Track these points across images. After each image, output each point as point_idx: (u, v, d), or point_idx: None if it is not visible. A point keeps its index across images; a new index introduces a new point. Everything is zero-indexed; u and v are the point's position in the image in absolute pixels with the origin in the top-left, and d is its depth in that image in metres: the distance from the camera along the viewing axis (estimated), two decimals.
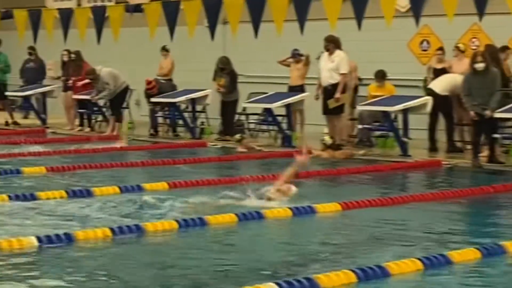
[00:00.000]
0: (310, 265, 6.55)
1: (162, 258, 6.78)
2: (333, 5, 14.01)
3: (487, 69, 12.69)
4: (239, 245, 7.39)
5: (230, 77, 16.49)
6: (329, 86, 14.49)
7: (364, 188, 10.56)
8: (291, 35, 15.13)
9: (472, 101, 12.70)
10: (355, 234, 7.92)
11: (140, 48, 19.77)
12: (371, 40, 16.40)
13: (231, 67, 16.58)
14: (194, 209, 8.72)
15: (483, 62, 12.65)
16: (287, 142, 15.08)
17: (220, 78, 16.54)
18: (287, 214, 8.58)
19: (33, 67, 20.06)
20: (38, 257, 6.75)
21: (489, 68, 12.72)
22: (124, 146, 14.79)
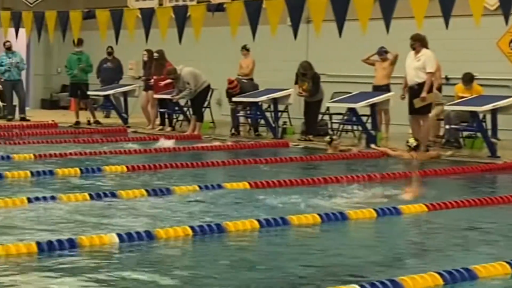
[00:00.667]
0: (395, 267, 6.47)
1: (244, 258, 6.77)
2: (420, 3, 13.82)
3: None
4: (322, 246, 7.33)
5: (312, 81, 16.46)
6: (415, 85, 14.33)
7: (451, 189, 10.39)
8: (376, 33, 15.00)
9: None
10: (441, 236, 7.80)
11: (221, 47, 19.86)
12: (458, 38, 16.19)
13: (313, 72, 16.55)
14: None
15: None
16: (371, 143, 14.94)
17: (303, 82, 16.51)
18: (372, 215, 8.51)
19: (110, 67, 20.34)
20: (118, 254, 6.81)
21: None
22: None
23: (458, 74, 15.54)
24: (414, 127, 14.83)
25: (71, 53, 19.67)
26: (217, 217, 8.27)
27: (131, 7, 21.36)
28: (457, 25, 14.73)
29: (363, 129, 15.45)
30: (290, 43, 16.64)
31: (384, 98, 15.31)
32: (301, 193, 9.59)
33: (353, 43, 17.24)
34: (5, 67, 20.06)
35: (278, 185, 10.36)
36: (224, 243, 7.39)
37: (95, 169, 11.40)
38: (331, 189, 9.71)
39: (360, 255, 6.94)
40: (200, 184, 10.11)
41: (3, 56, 20.25)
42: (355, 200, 9.29)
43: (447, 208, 8.94)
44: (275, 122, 16.70)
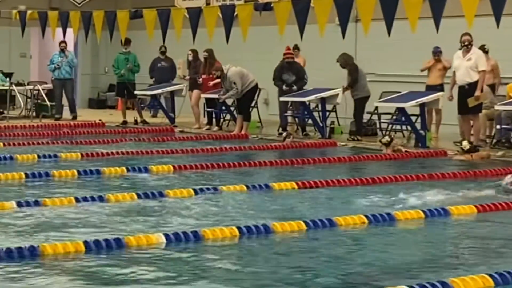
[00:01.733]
0: (445, 268, 6.42)
1: (288, 258, 6.76)
2: (470, 2, 13.68)
3: None
4: (370, 246, 7.30)
5: (351, 74, 16.45)
6: (466, 85, 14.21)
7: (499, 190, 10.27)
8: (426, 32, 14.88)
9: None
10: (491, 237, 7.71)
11: (269, 47, 19.85)
12: (510, 37, 15.98)
13: (352, 64, 16.54)
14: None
15: None
16: (421, 143, 14.85)
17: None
18: (420, 216, 8.46)
19: (165, 67, 20.42)
20: (164, 253, 6.83)
21: None
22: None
23: (510, 74, 15.36)
24: (464, 127, 14.71)
25: (119, 52, 19.80)
26: (263, 218, 8.27)
27: (178, 7, 21.44)
28: (508, 23, 14.56)
29: (412, 129, 15.34)
30: (338, 43, 16.58)
31: (433, 97, 15.17)
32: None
33: (402, 42, 17.12)
34: (55, 64, 20.25)
35: (326, 185, 10.37)
36: (270, 243, 7.39)
37: (141, 169, 11.45)
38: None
39: (409, 257, 6.93)
40: (247, 183, 10.13)
41: (55, 55, 20.44)
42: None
43: (497, 209, 8.87)
44: (323, 122, 16.64)
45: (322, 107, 16.76)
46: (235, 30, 17.24)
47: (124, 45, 19.59)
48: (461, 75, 14.30)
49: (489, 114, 14.97)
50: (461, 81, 14.35)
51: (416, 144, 14.98)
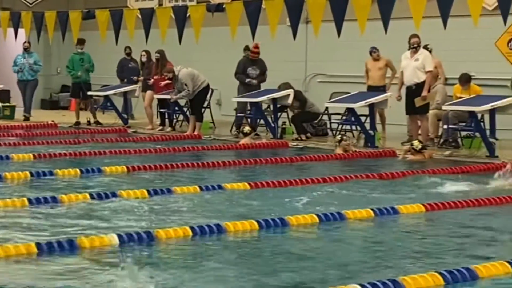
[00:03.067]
0: (395, 267, 6.44)
1: (241, 258, 6.74)
2: (418, 4, 13.80)
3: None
4: (321, 247, 7.29)
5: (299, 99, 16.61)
6: (413, 85, 14.31)
7: (449, 189, 10.36)
8: (375, 34, 14.98)
9: None
10: (441, 236, 7.76)
11: (221, 47, 19.83)
12: (457, 39, 16.15)
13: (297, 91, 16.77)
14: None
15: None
16: (370, 143, 14.93)
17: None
18: (369, 215, 8.49)
19: (134, 67, 20.20)
20: (117, 254, 6.78)
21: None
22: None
23: (456, 74, 15.50)
24: (412, 127, 14.82)
25: (73, 53, 19.57)
26: (217, 217, 8.25)
27: (131, 7, 21.31)
28: (455, 25, 14.71)
29: (362, 129, 15.41)
30: (289, 43, 16.62)
31: (382, 98, 15.27)
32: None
33: (352, 44, 17.21)
34: (18, 67, 20.01)
35: (278, 185, 10.38)
36: (222, 242, 7.37)
37: (95, 170, 11.35)
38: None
39: (359, 255, 6.93)
40: (200, 184, 10.09)
41: (19, 56, 20.19)
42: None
43: (445, 208, 8.92)
44: (275, 122, 16.65)
45: (273, 107, 16.76)
46: (188, 31, 17.20)
47: (78, 45, 19.37)
48: (409, 75, 14.40)
49: (437, 114, 15.10)
50: (408, 81, 14.44)
51: (366, 144, 15.06)
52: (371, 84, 16.45)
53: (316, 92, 18.22)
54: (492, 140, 13.59)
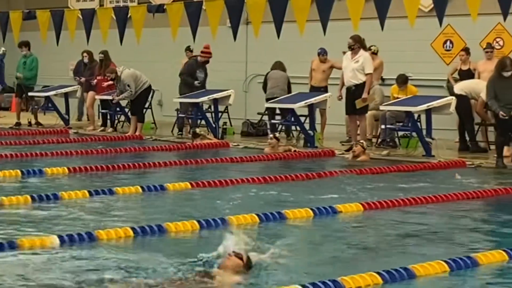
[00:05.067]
0: (334, 266, 6.46)
1: (182, 259, 6.70)
2: (356, 5, 13.87)
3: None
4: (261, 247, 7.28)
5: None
6: (352, 86, 14.39)
7: (387, 188, 10.44)
8: (314, 35, 15.02)
9: (499, 103, 12.64)
10: (378, 235, 7.81)
11: (163, 48, 19.73)
12: (394, 40, 16.29)
13: None
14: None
15: (511, 71, 12.80)
16: (310, 143, 14.98)
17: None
18: (308, 215, 8.50)
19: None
20: (57, 255, 6.68)
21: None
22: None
23: (394, 75, 15.66)
24: (351, 127, 14.90)
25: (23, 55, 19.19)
26: (159, 218, 8.20)
27: (72, 8, 21.08)
28: (393, 26, 14.84)
29: (301, 129, 15.44)
30: (230, 44, 16.59)
31: (322, 98, 15.32)
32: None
33: (292, 44, 17.25)
34: None
35: (220, 185, 10.36)
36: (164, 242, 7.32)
37: (36, 171, 11.19)
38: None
39: (300, 255, 6.91)
40: (142, 184, 10.03)
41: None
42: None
43: (383, 207, 8.98)
44: (216, 123, 16.61)
45: (214, 108, 16.71)
46: (129, 32, 17.07)
47: (20, 48, 19.03)
48: (349, 76, 14.46)
49: (375, 114, 15.21)
50: (348, 82, 14.50)
51: (305, 144, 15.10)
52: (313, 85, 16.49)
53: (257, 92, 18.21)
54: (429, 139, 13.73)
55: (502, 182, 11.03)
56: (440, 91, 15.61)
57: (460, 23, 15.77)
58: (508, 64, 12.86)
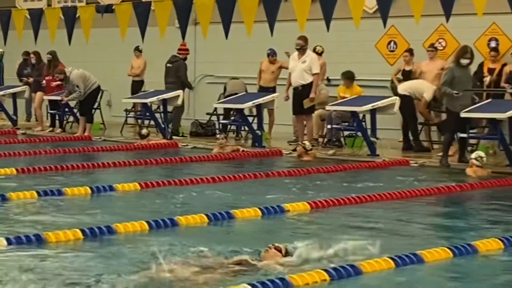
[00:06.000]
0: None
1: (131, 259, 6.64)
2: (302, 6, 13.94)
3: (469, 65, 13.11)
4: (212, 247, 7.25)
5: None
6: (299, 86, 14.42)
7: (333, 187, 10.49)
8: (261, 36, 15.04)
9: (452, 90, 12.78)
10: (325, 232, 7.81)
11: (112, 48, 19.59)
12: (339, 41, 16.37)
13: None
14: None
15: (470, 59, 12.98)
16: (257, 143, 14.99)
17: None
18: (257, 214, 8.50)
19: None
20: (4, 258, 6.59)
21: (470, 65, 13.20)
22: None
23: (339, 75, 15.72)
24: (298, 127, 14.94)
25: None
26: (107, 220, 8.13)
27: (19, 8, 20.81)
28: (338, 27, 14.92)
29: (249, 129, 15.45)
30: (178, 45, 16.53)
31: (269, 98, 15.33)
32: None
33: (240, 45, 17.24)
34: None
35: (169, 185, 10.33)
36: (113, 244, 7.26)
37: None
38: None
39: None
40: (91, 185, 9.93)
41: None
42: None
43: (329, 206, 9.00)
44: (165, 123, 16.53)
45: (163, 108, 16.63)
46: (78, 32, 16.93)
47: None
48: (296, 76, 14.49)
49: (321, 114, 15.27)
50: (295, 83, 14.53)
51: (253, 144, 15.10)
52: (262, 85, 16.49)
53: (205, 93, 18.19)
54: (373, 139, 13.82)
55: (443, 181, 11.12)
56: (385, 91, 15.72)
57: (404, 24, 15.91)
58: (468, 51, 12.97)
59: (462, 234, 7.80)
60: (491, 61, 14.98)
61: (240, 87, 16.66)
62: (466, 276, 6.32)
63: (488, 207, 9.38)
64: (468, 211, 9.43)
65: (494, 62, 14.93)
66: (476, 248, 6.87)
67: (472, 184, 10.62)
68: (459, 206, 9.69)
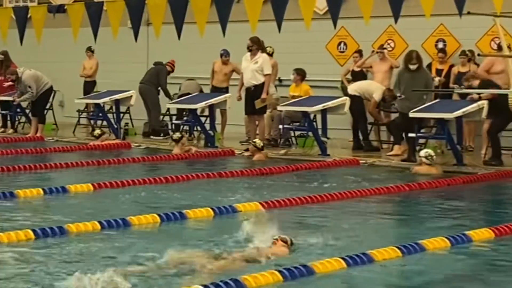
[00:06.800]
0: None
1: (83, 262, 6.57)
2: (253, 7, 13.90)
3: (419, 69, 13.30)
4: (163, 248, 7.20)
5: None
6: (252, 86, 14.43)
7: (285, 187, 10.50)
8: (214, 36, 14.98)
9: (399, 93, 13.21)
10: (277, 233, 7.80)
11: (64, 49, 19.37)
12: (291, 41, 16.39)
13: None
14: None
15: (417, 64, 13.23)
16: (210, 143, 14.95)
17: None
18: (209, 214, 8.47)
19: None
20: None
21: (421, 69, 13.39)
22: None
23: (290, 76, 15.74)
24: (250, 127, 14.94)
25: None
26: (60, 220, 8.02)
27: None
28: (289, 28, 14.92)
29: (202, 129, 15.40)
30: (131, 45, 16.40)
31: (222, 99, 15.29)
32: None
33: (193, 46, 17.17)
34: None
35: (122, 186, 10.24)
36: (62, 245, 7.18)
37: None
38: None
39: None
40: (44, 186, 9.81)
41: None
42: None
43: (281, 206, 9.00)
44: (117, 124, 16.39)
45: (116, 109, 16.50)
46: (30, 32, 16.70)
47: None
48: (248, 77, 14.50)
49: (271, 114, 15.27)
50: (247, 83, 14.54)
51: (206, 144, 15.05)
52: (215, 85, 16.44)
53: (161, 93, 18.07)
54: (324, 139, 13.86)
55: (393, 180, 11.18)
56: (335, 91, 15.79)
57: (353, 26, 15.98)
58: (414, 57, 13.31)
59: (411, 233, 7.85)
60: (439, 62, 15.13)
61: (194, 87, 16.62)
62: (415, 274, 6.36)
63: (436, 206, 9.45)
64: (417, 210, 9.49)
65: (442, 63, 15.09)
66: (424, 247, 6.92)
67: (421, 183, 10.70)
68: (408, 205, 9.75)
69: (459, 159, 12.58)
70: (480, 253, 7.06)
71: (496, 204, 9.77)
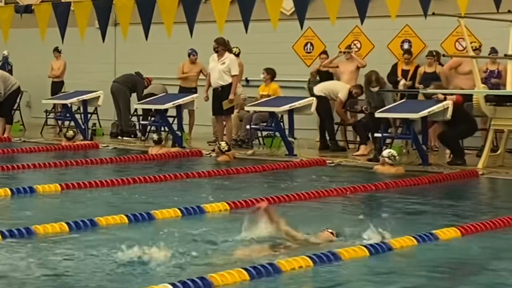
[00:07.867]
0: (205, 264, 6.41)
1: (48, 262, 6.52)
2: (221, 8, 13.90)
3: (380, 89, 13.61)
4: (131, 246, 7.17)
5: None
6: (219, 87, 14.42)
7: (252, 187, 10.49)
8: (181, 37, 14.96)
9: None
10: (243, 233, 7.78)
11: (31, 49, 19.24)
12: (258, 42, 16.42)
13: None
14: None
15: (377, 86, 13.48)
16: (177, 143, 14.91)
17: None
18: (177, 215, 8.44)
19: None
20: None
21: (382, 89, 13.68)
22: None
23: (257, 77, 15.76)
24: (217, 127, 14.93)
25: None
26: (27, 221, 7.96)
27: None
28: (256, 29, 14.95)
29: (169, 129, 15.36)
30: (98, 45, 16.33)
31: (189, 99, 15.26)
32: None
33: (161, 46, 17.14)
34: None
35: (90, 186, 10.17)
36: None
37: None
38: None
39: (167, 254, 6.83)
40: (11, 187, 9.72)
41: None
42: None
43: (249, 206, 8.97)
44: (85, 124, 16.30)
45: (84, 109, 16.41)
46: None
47: None
48: (215, 77, 14.49)
49: (239, 115, 15.27)
50: (215, 83, 14.53)
51: (173, 145, 15.01)
52: (184, 86, 16.41)
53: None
54: (291, 139, 13.89)
55: (359, 180, 11.22)
56: (302, 92, 15.82)
57: (320, 26, 16.04)
58: (373, 80, 13.42)
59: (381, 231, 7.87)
60: (404, 63, 15.20)
61: (159, 89, 16.58)
62: (382, 273, 6.38)
63: (402, 205, 9.50)
64: (383, 209, 9.51)
65: (408, 64, 15.17)
66: (390, 246, 6.95)
67: (387, 183, 10.74)
68: (374, 205, 9.79)
69: (425, 159, 12.67)
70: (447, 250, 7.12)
71: (460, 203, 9.82)
